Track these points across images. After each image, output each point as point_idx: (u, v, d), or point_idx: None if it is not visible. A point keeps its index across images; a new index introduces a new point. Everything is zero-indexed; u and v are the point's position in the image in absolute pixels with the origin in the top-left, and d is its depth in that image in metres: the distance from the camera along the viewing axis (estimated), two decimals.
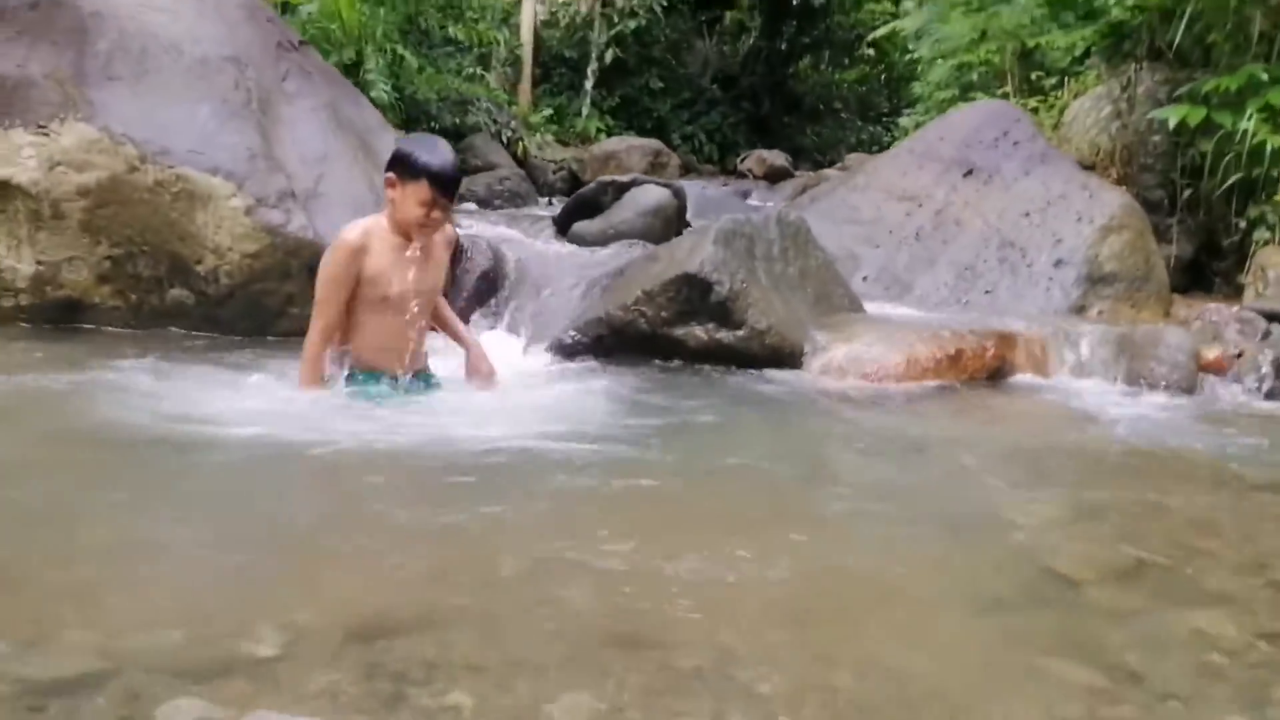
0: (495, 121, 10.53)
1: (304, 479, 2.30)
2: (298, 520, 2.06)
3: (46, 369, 3.17)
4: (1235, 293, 5.55)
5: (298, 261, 3.93)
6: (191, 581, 1.71)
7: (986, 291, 5.23)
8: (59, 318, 3.86)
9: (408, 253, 2.89)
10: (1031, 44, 9.20)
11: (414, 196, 2.81)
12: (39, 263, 3.80)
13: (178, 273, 3.91)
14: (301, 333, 2.99)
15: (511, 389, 3.19)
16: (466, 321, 4.52)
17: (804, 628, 1.64)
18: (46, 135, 3.83)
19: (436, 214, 2.85)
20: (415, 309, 2.92)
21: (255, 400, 2.80)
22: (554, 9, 14.87)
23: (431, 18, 10.31)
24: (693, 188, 7.72)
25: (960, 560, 1.97)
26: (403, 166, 2.83)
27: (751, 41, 16.46)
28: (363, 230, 2.86)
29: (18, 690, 1.28)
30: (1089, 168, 6.30)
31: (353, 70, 8.08)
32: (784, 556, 1.97)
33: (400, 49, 9.19)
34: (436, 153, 2.86)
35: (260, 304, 4.00)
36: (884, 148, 13.42)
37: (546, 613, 1.63)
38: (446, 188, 2.83)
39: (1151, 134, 6.42)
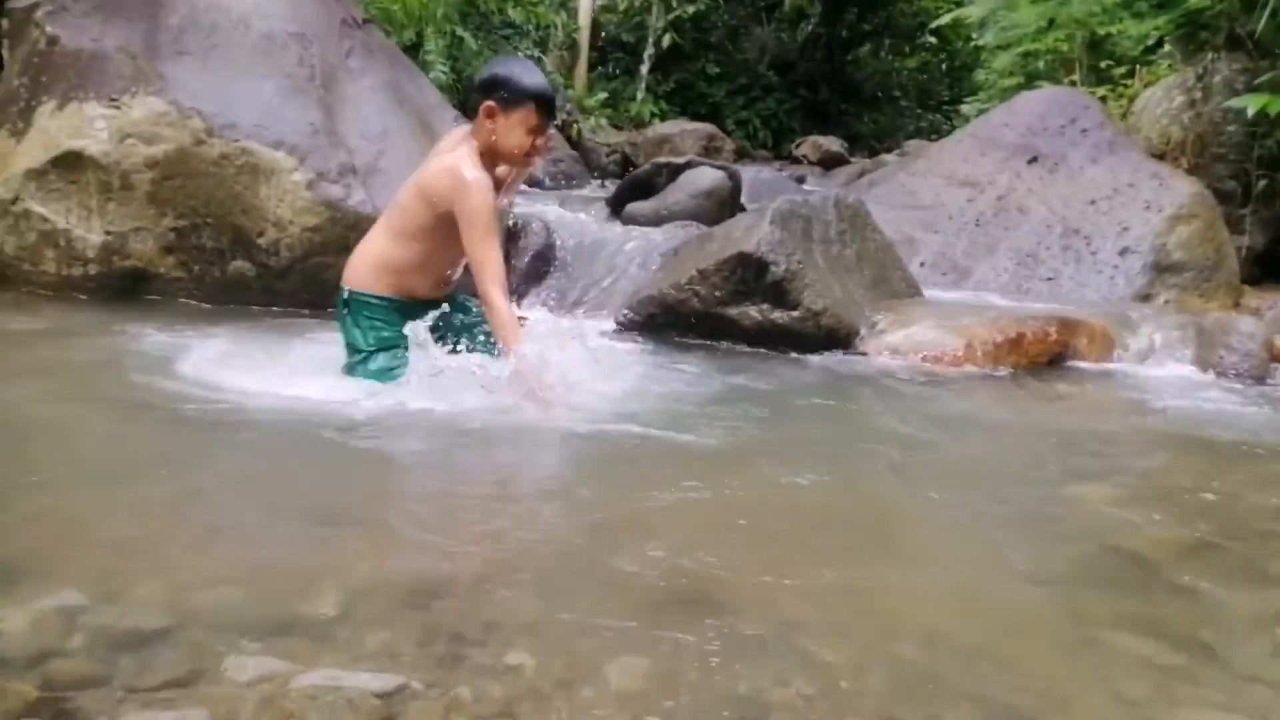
0: None
1: (366, 449, 2.30)
2: (354, 488, 2.07)
3: (114, 334, 3.25)
4: None
5: (356, 236, 3.92)
6: (250, 542, 1.73)
7: (1048, 279, 5.11)
8: (125, 288, 3.96)
9: (495, 186, 2.68)
10: (1102, 32, 8.96)
11: (522, 124, 2.60)
12: (107, 233, 3.90)
13: (240, 245, 3.98)
14: None
15: (571, 366, 3.15)
16: (522, 299, 4.55)
17: (868, 600, 1.62)
18: (118, 108, 3.91)
19: (542, 140, 2.65)
20: None
21: (317, 373, 2.81)
22: None
23: (491, 1, 10.34)
24: (747, 172, 7.63)
25: (1028, 539, 1.93)
26: (508, 91, 2.60)
27: (810, 28, 16.26)
28: (479, 167, 2.62)
29: (93, 642, 1.31)
30: (1159, 157, 6.12)
31: (412, 51, 8.14)
32: (849, 533, 1.94)
33: (460, 31, 9.23)
34: (536, 73, 2.67)
35: (319, 278, 4.04)
36: (943, 136, 13.18)
37: (606, 577, 1.62)
38: (553, 110, 2.66)
39: (1227, 124, 6.22)
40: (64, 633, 1.33)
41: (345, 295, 2.79)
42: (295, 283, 4.02)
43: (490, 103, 2.62)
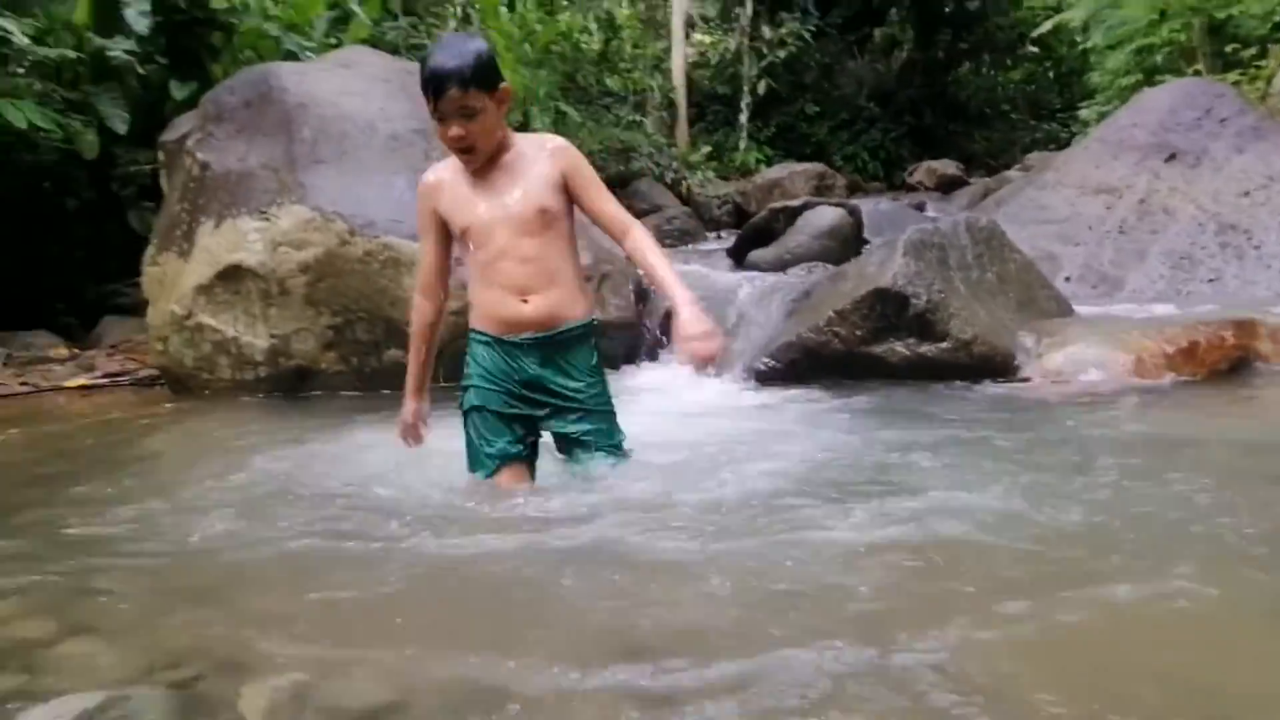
0: (658, 165, 10.73)
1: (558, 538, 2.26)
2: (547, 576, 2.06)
3: (290, 431, 3.41)
4: None
5: None
6: (460, 615, 1.76)
7: (1210, 279, 4.82)
8: (291, 386, 4.19)
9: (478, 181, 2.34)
10: (1222, 16, 8.57)
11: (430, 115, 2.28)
12: (272, 336, 4.15)
13: (393, 335, 4.15)
14: None
15: (730, 426, 3.08)
16: (656, 357, 4.56)
17: (1096, 642, 1.52)
18: (268, 219, 4.19)
19: (453, 129, 2.23)
20: (503, 240, 2.30)
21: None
22: (703, 49, 15.06)
23: (588, 74, 10.68)
24: (865, 205, 7.55)
25: (1259, 566, 1.78)
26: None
27: (905, 55, 16.11)
28: (438, 168, 2.42)
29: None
30: None
31: (521, 130, 8.45)
32: (1068, 569, 1.83)
33: (562, 105, 9.55)
34: (434, 50, 2.25)
35: None
36: (1061, 145, 12.74)
37: (801, 638, 1.57)
38: (438, 92, 2.20)
39: None
40: (296, 712, 1.38)
41: None
42: (448, 366, 4.13)
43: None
